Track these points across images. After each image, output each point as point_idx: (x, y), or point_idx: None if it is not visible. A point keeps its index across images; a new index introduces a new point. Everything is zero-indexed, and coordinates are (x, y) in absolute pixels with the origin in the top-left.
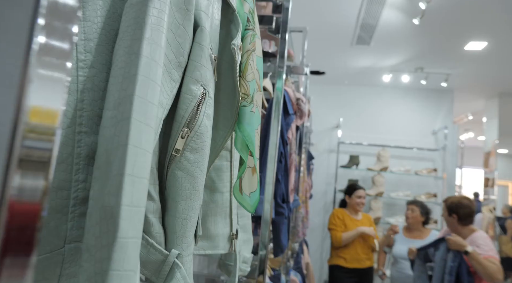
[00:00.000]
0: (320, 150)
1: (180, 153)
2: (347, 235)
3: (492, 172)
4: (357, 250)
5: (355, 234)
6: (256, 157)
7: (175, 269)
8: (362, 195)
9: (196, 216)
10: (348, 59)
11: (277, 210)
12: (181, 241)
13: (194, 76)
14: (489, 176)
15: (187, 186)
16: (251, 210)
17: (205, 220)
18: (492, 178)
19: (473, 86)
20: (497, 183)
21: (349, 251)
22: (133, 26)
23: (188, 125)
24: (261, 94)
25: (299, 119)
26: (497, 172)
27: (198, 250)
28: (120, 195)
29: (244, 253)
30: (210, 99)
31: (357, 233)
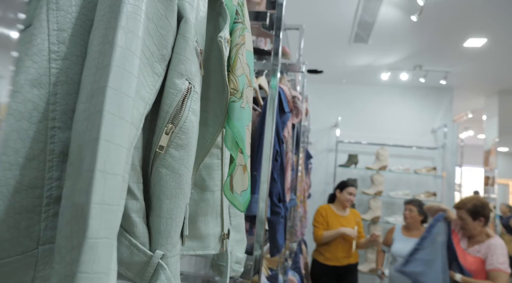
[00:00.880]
0: (319, 149)
1: (165, 150)
2: (328, 234)
3: (492, 171)
4: (337, 249)
5: (336, 234)
6: (247, 154)
7: (159, 270)
8: (353, 192)
9: (182, 215)
10: (346, 57)
11: (273, 210)
12: (166, 242)
13: (178, 69)
14: (489, 175)
15: (172, 184)
16: (243, 209)
17: (195, 219)
18: (492, 176)
19: (472, 84)
20: (497, 182)
21: (328, 249)
22: (108, 15)
23: (172, 121)
24: (252, 90)
25: (295, 117)
26: (497, 170)
27: (188, 251)
28: (90, 192)
29: (237, 253)
30: (196, 93)
31: (338, 234)
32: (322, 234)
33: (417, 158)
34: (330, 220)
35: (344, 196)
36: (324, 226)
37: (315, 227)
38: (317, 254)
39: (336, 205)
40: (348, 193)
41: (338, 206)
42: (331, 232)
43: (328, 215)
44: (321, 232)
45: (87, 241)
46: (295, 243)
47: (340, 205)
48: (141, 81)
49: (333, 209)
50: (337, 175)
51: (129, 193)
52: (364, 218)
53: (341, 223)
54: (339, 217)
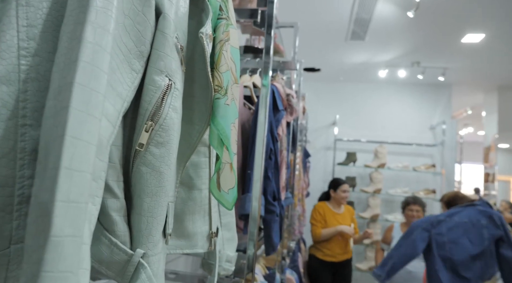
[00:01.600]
0: (317, 147)
1: (145, 147)
2: (326, 232)
3: (493, 167)
4: (334, 245)
5: (334, 232)
6: (233, 152)
7: (140, 269)
8: (347, 189)
9: (164, 213)
10: (343, 55)
11: (268, 208)
12: (147, 240)
13: (157, 66)
14: (489, 171)
15: (152, 182)
16: (230, 207)
17: (183, 218)
18: (492, 173)
19: (471, 80)
20: (497, 178)
21: (326, 245)
22: (77, 10)
23: (152, 118)
24: (239, 87)
25: (289, 115)
26: (498, 167)
27: (175, 249)
28: (54, 190)
29: (228, 252)
30: (176, 90)
31: (336, 231)
32: (321, 232)
33: (416, 156)
34: (328, 218)
35: (339, 194)
36: (322, 224)
37: (313, 225)
38: (314, 250)
39: (331, 203)
40: (342, 191)
41: (333, 204)
42: (329, 230)
43: (326, 213)
44: (319, 230)
45: (51, 240)
46: (294, 242)
47: (336, 204)
48: (118, 77)
49: (329, 206)
50: (335, 173)
51: (109, 192)
52: (363, 216)
53: (338, 220)
54: (336, 215)
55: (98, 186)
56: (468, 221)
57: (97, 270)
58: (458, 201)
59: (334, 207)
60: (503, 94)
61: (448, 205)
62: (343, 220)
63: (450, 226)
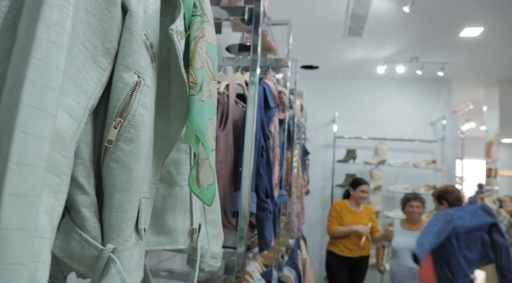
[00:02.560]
0: (317, 145)
1: (114, 144)
2: (341, 230)
3: (495, 162)
4: (349, 241)
5: (348, 230)
6: (211, 148)
7: (110, 264)
8: (366, 190)
9: (135, 209)
10: (340, 52)
11: (261, 205)
12: (117, 235)
13: (125, 63)
14: (491, 167)
15: (122, 178)
16: (209, 203)
17: (163, 215)
18: (494, 168)
19: (471, 75)
20: (500, 174)
21: (342, 241)
22: (32, 8)
23: (121, 115)
24: (216, 83)
25: (281, 113)
26: (500, 162)
27: (156, 246)
28: (3, 184)
29: (213, 248)
30: (146, 87)
31: (350, 231)
32: (336, 229)
33: (417, 152)
34: (344, 215)
35: (357, 194)
36: (338, 221)
37: (329, 221)
38: (331, 246)
39: (350, 201)
40: (361, 191)
41: (352, 202)
42: (344, 228)
43: (343, 211)
44: (334, 226)
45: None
46: (293, 240)
47: (355, 202)
48: (83, 75)
49: (348, 205)
50: (335, 170)
51: (79, 188)
52: None
53: (355, 219)
54: (353, 213)
55: (62, 182)
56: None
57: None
58: (448, 194)
59: (352, 206)
60: (504, 89)
61: (439, 198)
62: (360, 219)
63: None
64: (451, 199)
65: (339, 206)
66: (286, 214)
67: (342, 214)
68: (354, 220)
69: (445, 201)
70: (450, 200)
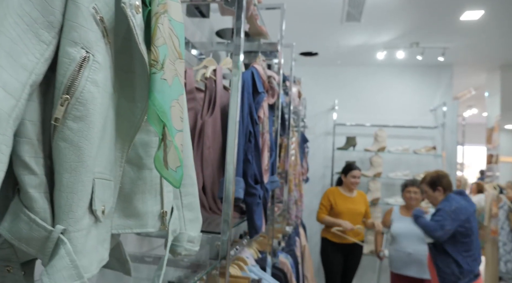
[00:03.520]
0: (317, 133)
1: (61, 122)
2: (327, 220)
3: (496, 148)
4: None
5: (333, 223)
6: (177, 129)
7: (59, 245)
8: (357, 175)
9: (87, 190)
10: (339, 38)
11: (249, 191)
12: (67, 216)
13: (70, 37)
14: (492, 153)
15: (71, 157)
16: (178, 185)
17: (132, 198)
18: (496, 154)
19: (472, 60)
20: (501, 160)
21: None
22: None
23: (68, 92)
24: (183, 63)
25: (271, 98)
26: (500, 148)
27: (124, 229)
28: None
29: (190, 233)
30: (96, 63)
31: (336, 223)
32: (324, 218)
33: (417, 138)
34: (338, 201)
35: (348, 180)
36: (327, 209)
37: (319, 208)
38: (325, 233)
39: (343, 188)
40: (352, 176)
41: (345, 189)
42: (330, 219)
43: (336, 197)
44: (322, 215)
45: None
46: (291, 227)
47: (347, 188)
48: (21, 48)
49: (341, 191)
50: (335, 158)
51: (26, 168)
52: None
53: (348, 204)
54: (347, 198)
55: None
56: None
57: (17, 248)
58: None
59: (346, 191)
60: (506, 74)
61: (433, 185)
62: (353, 204)
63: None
64: (445, 183)
65: (332, 194)
66: (283, 202)
67: (336, 200)
68: (349, 204)
69: (440, 187)
70: (445, 185)
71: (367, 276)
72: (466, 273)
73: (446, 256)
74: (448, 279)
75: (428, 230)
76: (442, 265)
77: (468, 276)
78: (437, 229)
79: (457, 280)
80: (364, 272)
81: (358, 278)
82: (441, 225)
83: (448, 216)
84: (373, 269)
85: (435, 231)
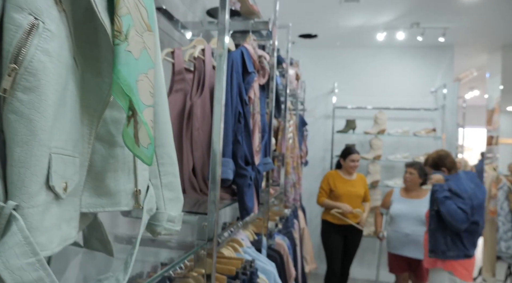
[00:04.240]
0: (316, 116)
1: (9, 93)
2: (327, 203)
3: (496, 130)
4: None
5: (333, 206)
6: (146, 104)
7: (12, 221)
8: (356, 159)
9: (41, 164)
10: (338, 19)
11: (239, 172)
12: (20, 192)
13: (16, 2)
14: (493, 134)
15: (22, 130)
16: (149, 162)
17: (104, 176)
18: (496, 136)
19: (474, 40)
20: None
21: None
22: None
23: (15, 61)
24: (152, 35)
25: (261, 78)
26: (500, 129)
27: (96, 208)
28: None
29: (170, 212)
30: (47, 31)
31: (336, 206)
32: (324, 201)
33: (417, 121)
34: (338, 184)
35: (347, 163)
36: (327, 193)
37: (319, 192)
38: (326, 215)
39: (342, 171)
40: (351, 160)
41: (344, 172)
42: (330, 202)
43: (336, 180)
44: (322, 198)
45: None
46: (289, 210)
47: (346, 172)
48: None
49: (340, 174)
50: (335, 141)
51: None
52: None
53: (347, 187)
54: (346, 181)
55: None
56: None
57: None
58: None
59: (345, 175)
60: (507, 54)
61: (436, 166)
62: (353, 186)
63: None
64: (449, 163)
65: (332, 177)
66: (280, 184)
67: (336, 183)
68: (347, 188)
69: (444, 168)
70: (448, 165)
71: (367, 257)
72: (457, 249)
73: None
74: (437, 247)
75: (456, 218)
76: (437, 234)
77: (457, 251)
78: (464, 221)
79: (447, 250)
80: (364, 253)
81: (358, 260)
82: (468, 217)
83: (469, 205)
84: (372, 250)
85: (462, 223)
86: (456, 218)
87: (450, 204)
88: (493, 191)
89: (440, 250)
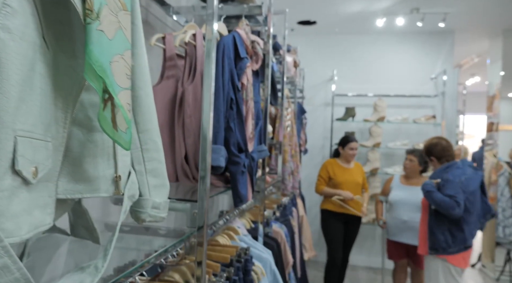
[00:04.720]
0: (316, 104)
1: None
2: (327, 191)
3: (496, 116)
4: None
5: (333, 193)
6: (121, 86)
7: None
8: (354, 147)
9: (5, 147)
10: (337, 5)
11: (232, 159)
12: None
13: None
14: (493, 121)
15: None
16: (127, 146)
17: (82, 161)
18: (496, 122)
19: (474, 25)
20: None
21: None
22: None
23: None
24: (129, 15)
25: (254, 63)
26: (501, 116)
27: (74, 194)
28: None
29: (155, 199)
30: (7, 7)
31: (336, 193)
32: (323, 189)
33: (417, 107)
34: (337, 172)
35: (346, 152)
36: (326, 181)
37: (318, 180)
38: (325, 204)
39: (341, 159)
40: (349, 148)
41: (342, 160)
42: (330, 190)
43: (334, 168)
44: (321, 186)
45: None
46: (288, 198)
47: (345, 160)
48: None
49: (339, 162)
50: (335, 129)
51: None
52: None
53: (346, 175)
54: (345, 169)
55: None
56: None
57: None
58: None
59: (343, 163)
60: (508, 39)
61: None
62: (351, 175)
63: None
64: (437, 152)
65: (331, 165)
66: (278, 172)
67: (335, 171)
68: (346, 176)
69: (432, 157)
70: (436, 154)
71: (367, 244)
72: (458, 242)
73: (443, 224)
74: (438, 245)
75: (444, 207)
76: (436, 231)
77: (458, 246)
78: (454, 207)
79: (447, 247)
80: (364, 240)
81: (358, 247)
82: (457, 201)
83: (459, 189)
84: (372, 237)
85: (452, 209)
86: (445, 206)
87: (435, 195)
88: (493, 177)
89: (441, 248)
